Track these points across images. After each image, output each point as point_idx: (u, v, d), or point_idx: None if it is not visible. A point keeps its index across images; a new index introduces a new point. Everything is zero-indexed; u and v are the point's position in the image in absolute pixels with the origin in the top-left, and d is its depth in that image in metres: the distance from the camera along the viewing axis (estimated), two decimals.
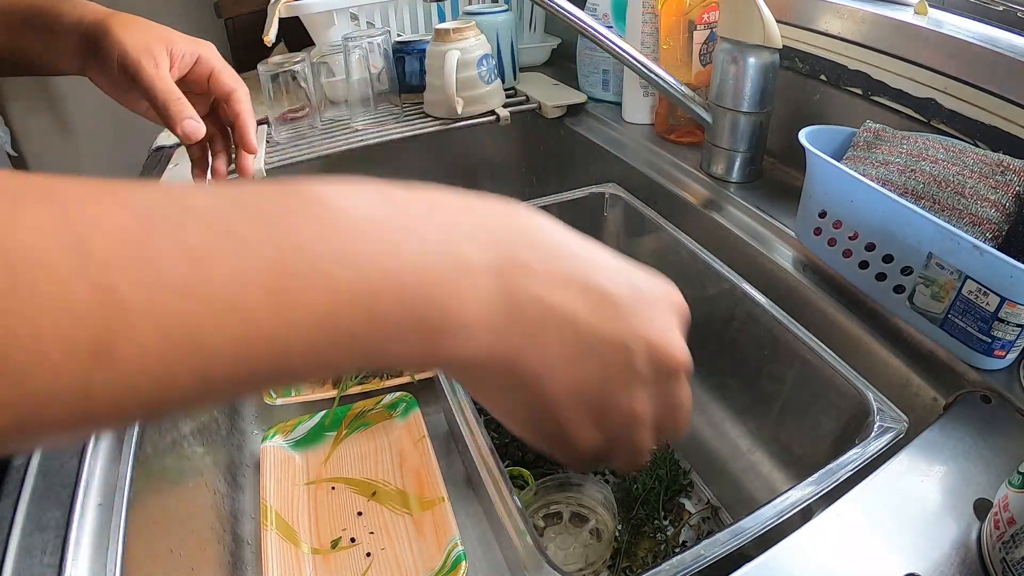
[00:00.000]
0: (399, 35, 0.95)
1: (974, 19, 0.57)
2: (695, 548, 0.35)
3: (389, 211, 0.19)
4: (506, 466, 0.60)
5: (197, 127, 0.48)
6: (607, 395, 0.23)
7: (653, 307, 0.24)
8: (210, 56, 0.54)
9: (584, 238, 0.24)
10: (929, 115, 0.57)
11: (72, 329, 0.15)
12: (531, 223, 0.22)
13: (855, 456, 0.39)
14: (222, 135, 0.58)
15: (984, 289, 0.42)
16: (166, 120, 0.47)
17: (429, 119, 0.86)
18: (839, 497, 0.37)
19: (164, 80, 0.47)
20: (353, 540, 0.56)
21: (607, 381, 0.23)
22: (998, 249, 0.42)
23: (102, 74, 0.50)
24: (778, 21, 0.60)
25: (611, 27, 0.85)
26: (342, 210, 0.18)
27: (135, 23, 0.50)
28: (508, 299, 0.20)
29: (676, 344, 0.24)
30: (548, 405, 0.23)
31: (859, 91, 0.63)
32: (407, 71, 0.89)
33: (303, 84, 0.82)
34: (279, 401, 0.66)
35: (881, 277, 0.50)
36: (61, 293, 0.15)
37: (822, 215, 0.54)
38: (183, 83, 0.52)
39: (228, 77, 0.55)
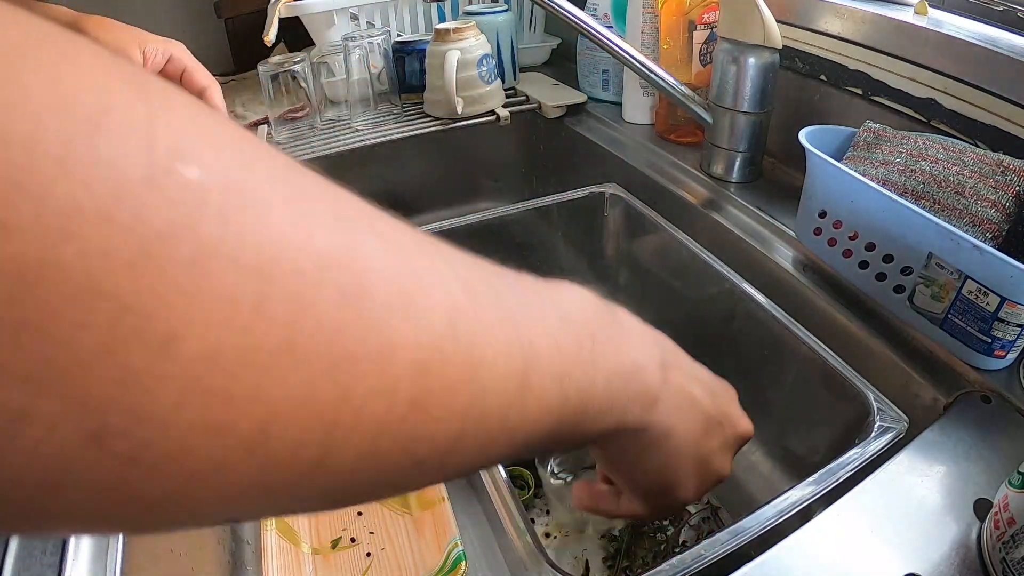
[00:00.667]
0: (399, 35, 0.95)
1: (974, 19, 0.57)
2: (695, 548, 0.35)
3: (611, 326, 0.26)
4: (506, 466, 0.60)
5: None
6: (712, 457, 0.32)
7: (731, 397, 0.35)
8: (182, 56, 0.56)
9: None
10: (929, 115, 0.57)
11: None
12: (665, 337, 0.31)
13: (855, 456, 0.39)
14: None
15: (984, 289, 0.42)
16: None
17: (429, 119, 0.86)
18: (839, 497, 0.37)
19: None
20: (353, 540, 0.56)
21: (715, 448, 0.32)
22: (998, 249, 0.42)
23: None
24: (778, 21, 0.60)
25: (611, 27, 0.85)
26: (622, 328, 0.26)
27: (107, 24, 0.51)
28: (667, 385, 0.28)
29: (748, 423, 0.36)
30: (674, 463, 0.30)
31: (859, 91, 0.63)
32: (407, 71, 0.89)
33: (303, 84, 0.82)
34: None
35: (881, 277, 0.50)
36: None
37: (822, 215, 0.54)
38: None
39: (200, 76, 0.57)
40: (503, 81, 0.90)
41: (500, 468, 0.41)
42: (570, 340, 0.22)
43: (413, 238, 0.17)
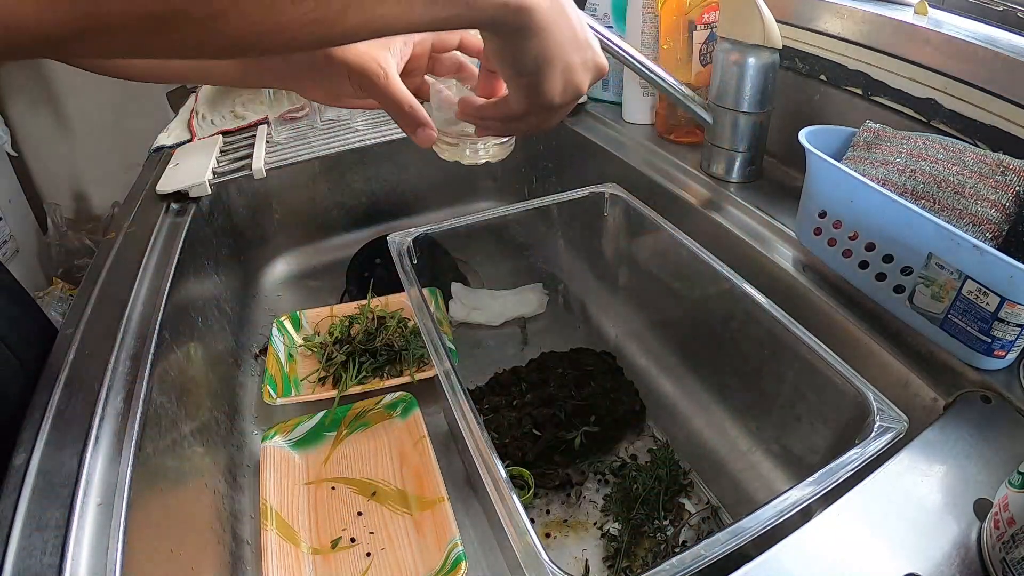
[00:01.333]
0: None
1: (974, 19, 0.57)
2: (695, 548, 0.35)
3: None
4: (506, 466, 0.60)
5: (430, 135, 0.48)
6: (576, 69, 0.38)
7: (594, 37, 0.40)
8: (423, 36, 0.53)
9: None
10: (929, 115, 0.57)
11: None
12: None
13: (855, 456, 0.39)
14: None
15: (984, 289, 0.42)
16: (401, 126, 0.48)
17: None
18: (839, 497, 0.37)
19: (394, 88, 0.47)
20: (353, 540, 0.56)
21: (579, 63, 0.38)
22: (998, 249, 0.42)
23: (319, 88, 0.50)
24: (778, 21, 0.60)
25: (611, 27, 0.85)
26: None
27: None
28: None
29: (604, 60, 0.42)
30: (548, 56, 0.36)
31: (859, 91, 0.63)
32: None
33: None
34: (279, 401, 0.66)
35: (881, 277, 0.50)
36: None
37: (822, 215, 0.54)
38: (410, 62, 0.52)
39: (450, 41, 0.54)
40: None
41: (500, 468, 0.41)
42: None
43: None
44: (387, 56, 0.48)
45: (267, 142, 0.85)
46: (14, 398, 0.46)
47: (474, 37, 0.53)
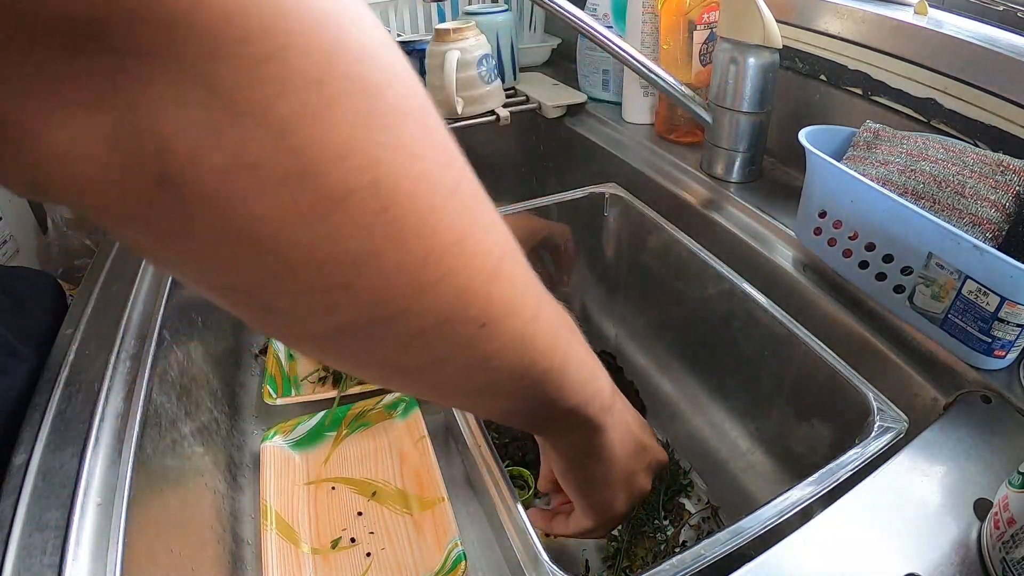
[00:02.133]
0: (399, 35, 0.95)
1: (974, 19, 0.57)
2: (695, 548, 0.35)
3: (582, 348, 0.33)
4: (506, 466, 0.60)
5: None
6: (638, 475, 0.40)
7: (650, 432, 0.43)
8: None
9: None
10: (929, 115, 0.57)
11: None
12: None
13: (855, 456, 0.39)
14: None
15: (984, 289, 0.42)
16: None
17: None
18: (839, 497, 0.37)
19: None
20: (353, 540, 0.56)
21: (641, 468, 0.40)
22: (998, 249, 0.42)
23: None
24: (778, 21, 0.60)
25: (611, 27, 0.85)
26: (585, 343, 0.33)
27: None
28: (615, 404, 0.36)
29: (663, 453, 0.43)
30: (612, 472, 0.37)
31: (859, 91, 0.63)
32: None
33: None
34: (279, 401, 0.66)
35: (881, 277, 0.50)
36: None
37: (822, 215, 0.54)
38: None
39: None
40: (503, 81, 0.90)
41: (500, 468, 0.41)
42: (560, 319, 0.29)
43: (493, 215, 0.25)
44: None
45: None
46: (14, 398, 0.46)
47: None
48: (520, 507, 0.38)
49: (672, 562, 0.34)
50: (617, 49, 0.65)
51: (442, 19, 0.98)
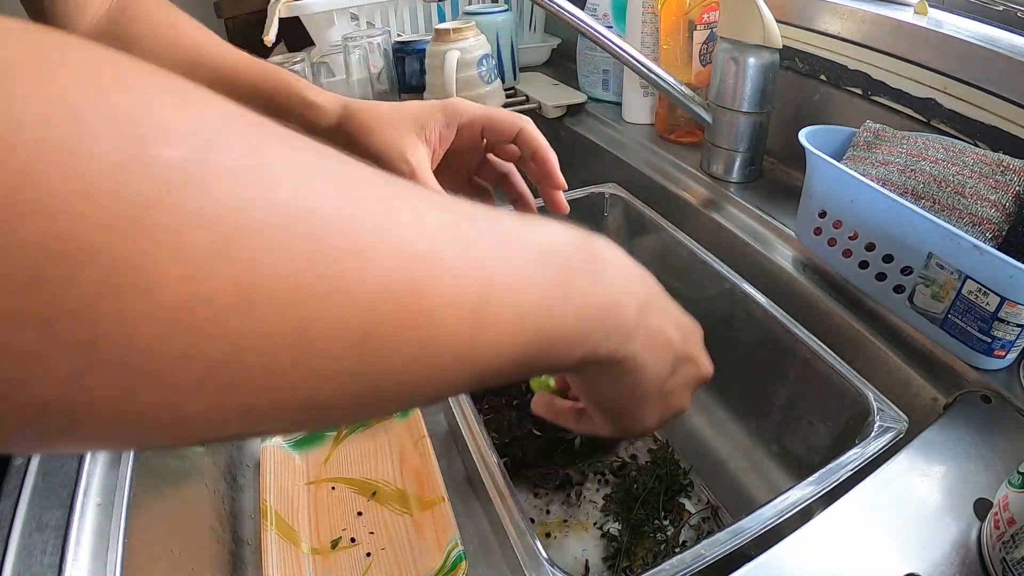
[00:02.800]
0: (399, 35, 0.95)
1: (974, 19, 0.57)
2: (695, 548, 0.35)
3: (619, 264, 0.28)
4: (506, 466, 0.60)
5: None
6: (676, 392, 0.34)
7: (699, 338, 0.35)
8: (469, 114, 0.46)
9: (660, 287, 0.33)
10: (929, 115, 0.57)
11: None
12: (648, 275, 0.31)
13: (855, 456, 0.39)
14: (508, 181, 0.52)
15: (984, 289, 0.42)
16: None
17: None
18: (839, 497, 0.37)
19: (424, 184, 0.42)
20: (353, 540, 0.56)
21: (679, 384, 0.34)
22: (998, 249, 0.42)
23: None
24: (778, 21, 0.60)
25: (611, 27, 0.85)
26: (602, 264, 0.27)
27: (376, 120, 0.42)
28: (644, 323, 0.29)
29: (710, 365, 0.36)
30: (641, 394, 0.32)
31: (859, 91, 0.63)
32: (407, 71, 0.89)
33: None
34: None
35: (881, 277, 0.50)
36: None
37: (822, 215, 0.54)
38: (451, 155, 0.46)
39: (508, 125, 0.47)
40: (503, 81, 0.90)
41: (500, 468, 0.41)
42: (538, 277, 0.23)
43: (377, 190, 0.19)
44: (416, 146, 0.41)
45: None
46: None
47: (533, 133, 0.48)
48: (520, 507, 0.38)
49: (672, 562, 0.34)
50: (617, 49, 0.65)
51: (442, 19, 0.98)
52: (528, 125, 0.48)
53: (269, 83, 0.45)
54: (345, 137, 0.43)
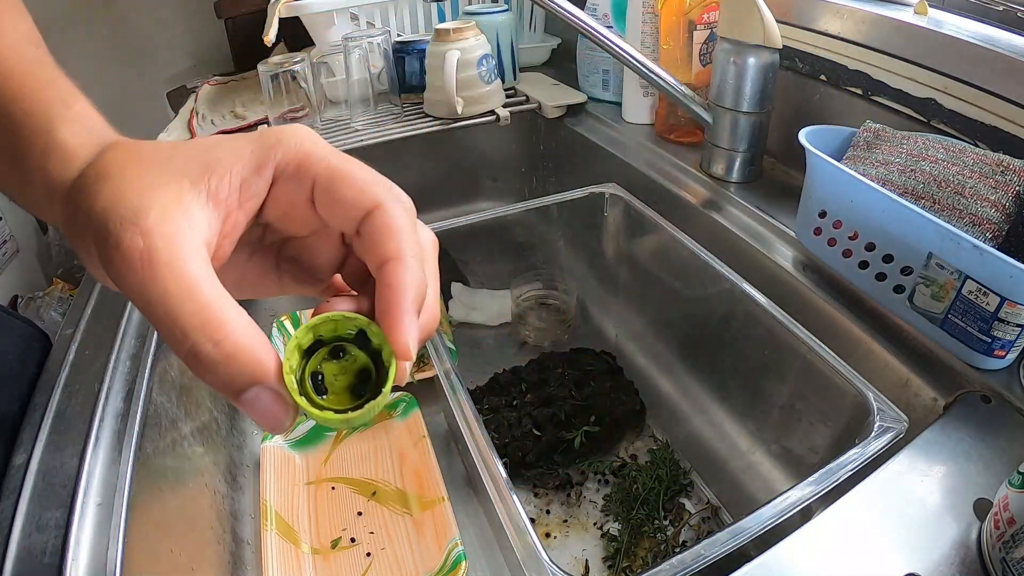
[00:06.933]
0: (399, 35, 0.95)
1: (974, 19, 0.57)
2: (695, 548, 0.35)
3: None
4: (506, 466, 0.60)
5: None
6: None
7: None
8: (296, 153, 0.24)
9: None
10: (929, 115, 0.57)
11: None
12: None
13: (855, 456, 0.39)
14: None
15: (984, 289, 0.42)
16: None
17: (429, 119, 0.86)
18: (839, 497, 0.37)
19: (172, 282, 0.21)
20: (353, 540, 0.56)
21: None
22: (998, 249, 0.42)
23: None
24: (778, 21, 0.60)
25: (611, 27, 0.85)
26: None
27: (125, 162, 0.23)
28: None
29: None
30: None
31: (859, 91, 0.63)
32: (407, 71, 0.89)
33: (303, 84, 0.82)
34: None
35: (881, 277, 0.50)
36: None
37: (822, 215, 0.54)
38: (273, 225, 0.26)
39: (353, 194, 0.23)
40: (503, 81, 0.90)
41: (500, 468, 0.41)
42: None
43: None
44: (179, 205, 0.21)
45: None
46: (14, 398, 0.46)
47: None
48: (520, 507, 0.38)
49: (672, 562, 0.34)
50: (617, 49, 0.65)
51: (442, 19, 0.98)
52: (389, 205, 0.24)
53: (12, 106, 0.28)
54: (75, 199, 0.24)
